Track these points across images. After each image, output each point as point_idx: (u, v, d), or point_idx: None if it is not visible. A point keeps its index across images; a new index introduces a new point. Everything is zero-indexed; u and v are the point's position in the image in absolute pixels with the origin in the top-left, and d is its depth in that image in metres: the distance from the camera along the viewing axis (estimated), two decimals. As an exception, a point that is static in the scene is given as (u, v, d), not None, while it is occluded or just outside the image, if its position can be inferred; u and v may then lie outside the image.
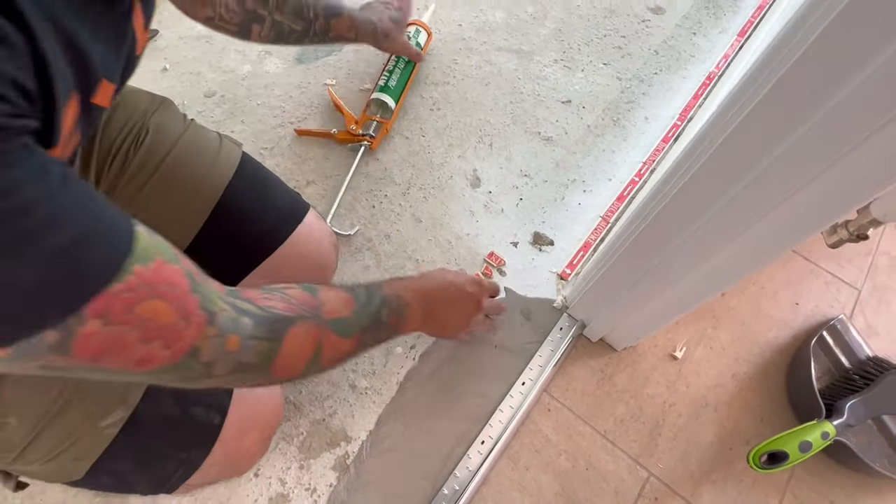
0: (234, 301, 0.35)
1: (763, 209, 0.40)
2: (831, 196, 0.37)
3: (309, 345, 0.40)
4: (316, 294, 0.43)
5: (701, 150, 0.43)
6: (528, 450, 0.63)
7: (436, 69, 0.94)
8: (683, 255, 0.50)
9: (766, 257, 0.46)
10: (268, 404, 0.54)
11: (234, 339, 0.34)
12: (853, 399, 0.62)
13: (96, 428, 0.44)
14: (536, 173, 0.84)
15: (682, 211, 0.47)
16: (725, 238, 0.45)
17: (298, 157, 0.84)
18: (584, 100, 0.92)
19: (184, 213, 0.55)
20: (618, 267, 0.58)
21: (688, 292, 0.54)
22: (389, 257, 0.75)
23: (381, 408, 0.65)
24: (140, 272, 0.28)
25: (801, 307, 0.75)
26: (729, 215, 0.43)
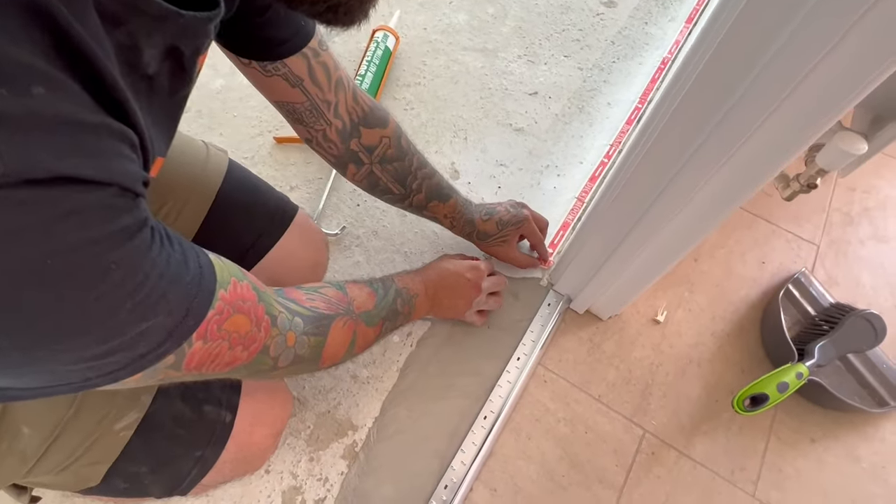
0: (286, 304, 0.41)
1: (713, 168, 0.45)
2: (772, 146, 0.41)
3: (347, 336, 0.48)
4: (346, 291, 0.50)
5: (654, 125, 0.47)
6: (529, 420, 0.66)
7: (406, 71, 0.97)
8: (650, 221, 0.54)
9: (723, 212, 0.50)
10: (277, 399, 0.55)
11: (292, 335, 0.40)
12: (821, 341, 0.67)
13: (111, 431, 0.45)
14: (511, 162, 0.88)
15: (643, 182, 0.51)
16: (683, 200, 0.49)
17: (280, 163, 0.85)
18: (550, 90, 0.97)
19: (178, 222, 0.56)
20: (594, 242, 0.62)
21: (660, 255, 0.58)
22: (378, 252, 0.77)
23: (383, 395, 0.66)
24: (223, 297, 0.33)
25: (767, 265, 0.81)
26: (683, 179, 0.47)
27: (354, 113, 0.55)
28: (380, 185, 0.61)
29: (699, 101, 0.42)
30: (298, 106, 0.51)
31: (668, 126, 0.45)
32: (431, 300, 0.63)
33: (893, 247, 0.85)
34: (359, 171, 0.59)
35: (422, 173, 0.62)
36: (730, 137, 0.42)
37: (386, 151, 0.58)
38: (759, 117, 0.39)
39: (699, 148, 0.44)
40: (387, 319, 0.55)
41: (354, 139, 0.56)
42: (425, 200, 0.64)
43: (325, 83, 0.51)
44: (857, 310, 0.70)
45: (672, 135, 0.45)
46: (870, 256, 0.83)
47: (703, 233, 0.53)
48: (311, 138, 0.55)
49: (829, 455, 0.66)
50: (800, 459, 0.66)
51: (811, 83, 0.34)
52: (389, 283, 0.57)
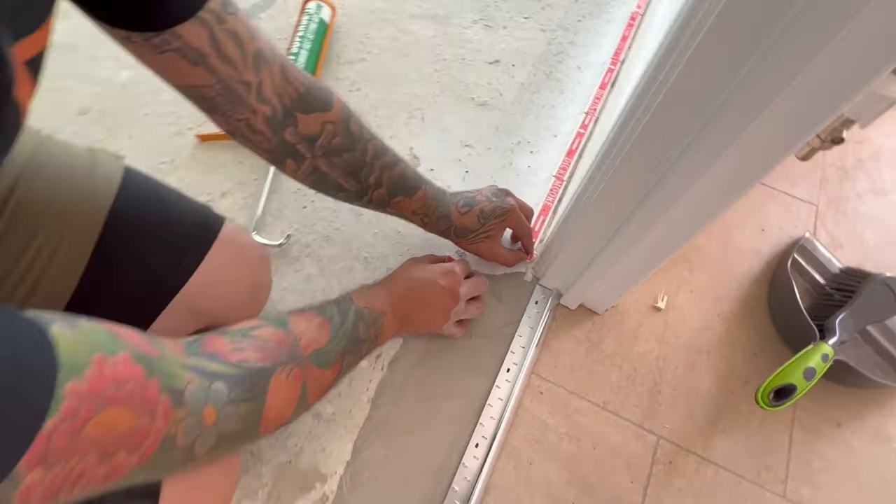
0: (200, 363, 0.31)
1: (725, 142, 0.36)
2: (787, 121, 0.32)
3: (294, 389, 0.38)
4: (288, 328, 0.40)
5: (652, 95, 0.37)
6: (528, 442, 0.57)
7: (347, 46, 0.84)
8: (652, 206, 0.44)
9: (737, 191, 0.41)
10: (215, 468, 0.44)
11: (211, 410, 0.30)
12: (840, 315, 0.60)
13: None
14: (478, 142, 0.77)
15: (643, 160, 0.41)
16: (694, 177, 0.40)
17: (206, 166, 0.72)
18: (512, 57, 0.86)
19: (54, 260, 0.43)
20: (585, 230, 0.53)
21: (663, 241, 0.49)
22: (334, 261, 0.66)
23: (354, 433, 0.56)
24: (76, 389, 0.22)
25: (767, 232, 0.74)
26: (693, 154, 0.38)
27: (286, 95, 0.43)
28: (328, 182, 0.49)
29: (700, 77, 0.33)
30: (207, 90, 0.39)
31: (664, 105, 0.36)
32: (401, 317, 0.52)
33: (893, 199, 0.79)
34: (299, 166, 0.47)
35: (380, 163, 0.50)
36: (739, 115, 0.33)
37: (331, 140, 0.46)
38: (772, 93, 0.30)
39: (703, 129, 0.36)
40: (347, 353, 0.45)
41: (289, 128, 0.44)
42: (388, 196, 0.52)
43: (238, 58, 0.39)
44: (873, 275, 0.63)
45: (681, 99, 0.36)
46: (870, 212, 0.77)
47: (715, 215, 0.44)
48: (234, 130, 0.43)
49: (857, 438, 0.60)
50: (827, 448, 0.59)
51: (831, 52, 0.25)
52: (347, 304, 0.48)
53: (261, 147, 0.45)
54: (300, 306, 0.60)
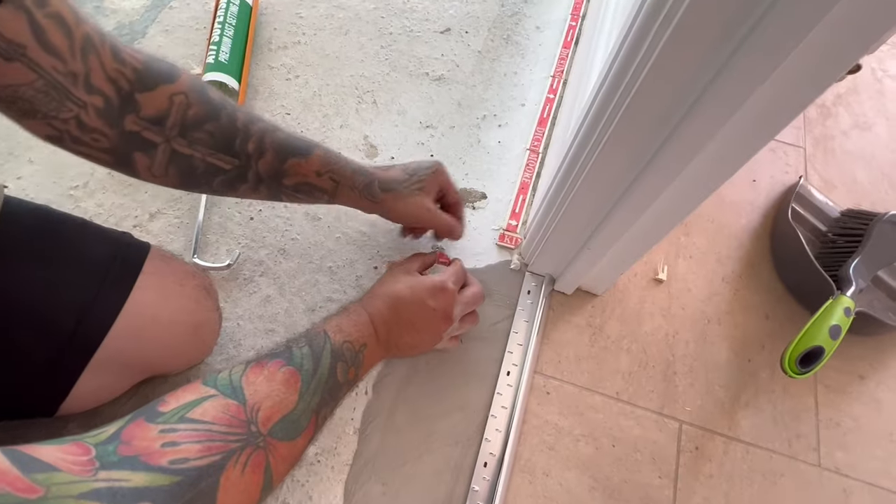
0: (116, 481, 0.23)
1: (729, 109, 0.30)
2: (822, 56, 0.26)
3: (255, 483, 0.30)
4: (241, 395, 0.31)
5: (644, 54, 0.30)
6: (541, 451, 0.50)
7: (277, 30, 0.74)
8: (650, 178, 0.38)
9: (751, 144, 0.35)
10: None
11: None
12: (854, 262, 0.55)
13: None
14: (439, 121, 0.69)
15: (638, 130, 0.35)
16: (692, 153, 0.34)
17: (128, 185, 0.61)
18: (465, 24, 0.78)
19: None
20: (576, 208, 0.46)
21: (667, 212, 0.43)
22: (294, 276, 0.57)
23: (344, 473, 0.48)
24: None
25: (759, 182, 0.69)
26: (695, 122, 0.32)
27: (122, 78, 0.34)
28: (196, 167, 0.39)
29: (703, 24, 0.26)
30: (24, 89, 0.29)
31: (660, 63, 0.30)
32: (385, 344, 0.45)
33: (877, 133, 0.75)
34: (153, 158, 0.37)
35: (256, 128, 0.40)
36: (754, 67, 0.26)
37: (186, 114, 0.37)
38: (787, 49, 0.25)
39: (707, 88, 0.29)
40: (323, 406, 0.37)
41: (130, 115, 0.35)
42: (277, 161, 0.42)
43: (65, 46, 0.30)
44: (877, 215, 0.59)
45: (668, 74, 0.30)
46: (857, 149, 0.73)
47: (724, 177, 0.37)
48: (60, 135, 0.33)
49: (882, 390, 0.56)
50: (855, 405, 0.55)
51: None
52: (320, 341, 0.39)
53: (98, 147, 0.35)
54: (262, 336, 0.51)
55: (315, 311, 0.55)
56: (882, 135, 0.75)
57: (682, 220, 0.43)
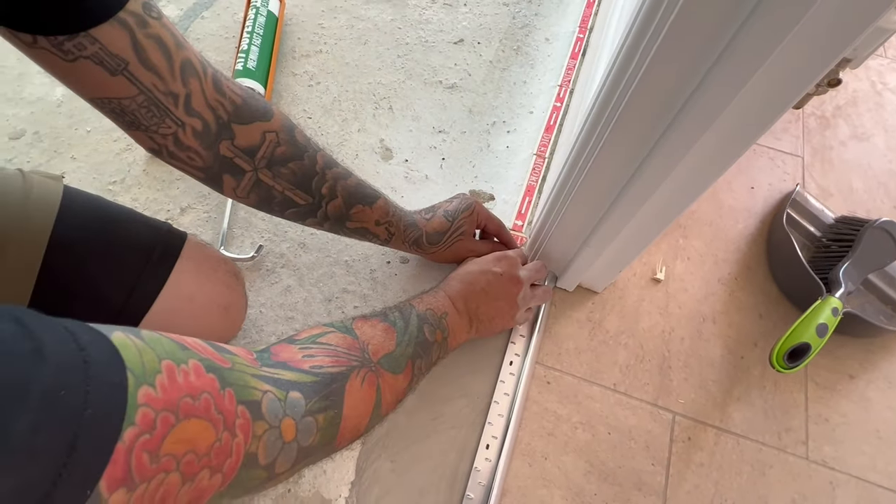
0: (273, 373, 0.30)
1: (720, 106, 0.33)
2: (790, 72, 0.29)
3: (370, 396, 0.38)
4: (354, 333, 0.40)
5: (637, 62, 0.34)
6: (541, 436, 0.54)
7: (301, 39, 0.79)
8: (646, 178, 0.41)
9: (739, 146, 0.38)
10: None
11: (290, 424, 0.29)
12: (843, 265, 0.58)
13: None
14: (451, 126, 0.73)
15: (633, 133, 0.38)
16: (688, 145, 0.37)
17: (161, 181, 0.66)
18: (477, 35, 0.82)
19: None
20: (577, 208, 0.49)
21: (660, 212, 0.46)
22: (312, 269, 0.61)
23: (355, 450, 0.52)
24: (150, 397, 0.20)
25: (757, 190, 0.72)
26: (688, 119, 0.35)
27: (220, 108, 0.38)
28: (275, 197, 0.44)
29: (689, 35, 0.30)
30: (128, 103, 0.34)
31: (650, 72, 0.33)
32: (467, 315, 0.51)
33: (875, 143, 0.78)
34: (239, 182, 0.42)
35: (332, 173, 0.45)
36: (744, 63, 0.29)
37: (274, 150, 0.41)
38: (766, 51, 0.28)
39: (694, 93, 0.33)
40: (417, 357, 0.44)
41: (225, 141, 0.39)
42: (345, 207, 0.47)
43: (165, 66, 0.34)
44: (868, 221, 0.62)
45: (658, 81, 0.33)
46: (855, 158, 0.76)
47: (713, 179, 0.41)
48: (160, 148, 0.37)
49: (871, 389, 0.59)
50: (843, 402, 0.58)
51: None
52: (408, 309, 0.47)
53: (192, 164, 0.39)
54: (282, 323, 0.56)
55: (332, 300, 0.59)
56: (880, 145, 0.77)
57: (676, 217, 0.47)
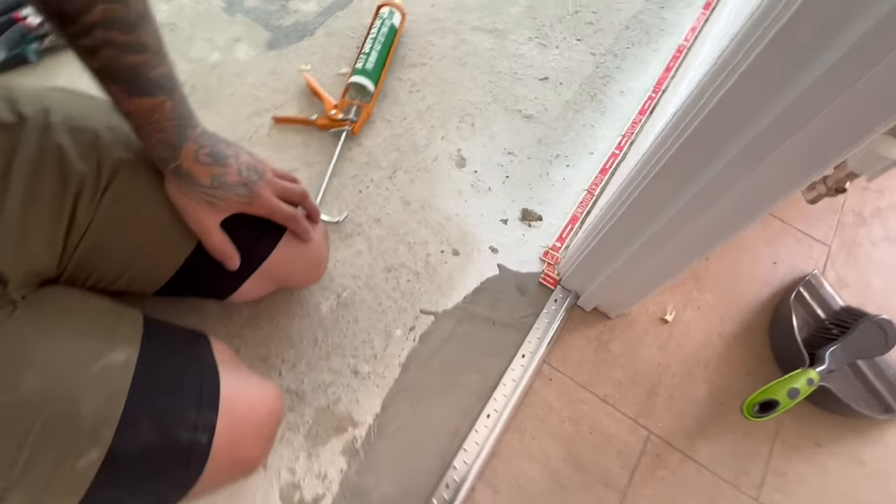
0: None
1: (744, 172, 0.42)
2: (810, 153, 0.38)
3: None
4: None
5: (686, 123, 0.44)
6: (533, 419, 0.65)
7: (412, 50, 0.93)
8: (672, 222, 0.51)
9: (742, 220, 0.48)
10: (263, 405, 0.51)
11: None
12: (832, 347, 0.66)
13: (73, 470, 0.40)
14: (520, 150, 0.85)
15: (672, 179, 0.48)
16: (714, 200, 0.47)
17: (278, 146, 0.82)
18: (561, 76, 0.93)
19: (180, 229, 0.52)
20: (608, 238, 0.60)
21: (678, 255, 0.56)
22: (381, 241, 0.75)
23: (385, 391, 0.65)
24: None
25: (779, 265, 0.79)
26: (709, 185, 0.45)
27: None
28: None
29: (727, 117, 0.39)
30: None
31: (696, 132, 0.43)
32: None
33: (905, 249, 0.83)
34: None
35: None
36: (762, 146, 0.39)
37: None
38: (784, 137, 0.36)
39: (727, 156, 0.42)
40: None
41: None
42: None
43: None
44: (869, 315, 0.69)
45: (699, 138, 0.43)
46: (881, 259, 0.82)
47: (730, 234, 0.50)
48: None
49: (833, 461, 0.66)
50: (804, 464, 0.65)
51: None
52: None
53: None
54: (348, 279, 0.69)
55: (391, 271, 0.73)
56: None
57: (683, 269, 0.57)
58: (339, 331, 0.68)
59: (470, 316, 0.70)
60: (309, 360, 0.65)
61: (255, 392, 0.51)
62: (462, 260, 0.74)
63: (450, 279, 0.73)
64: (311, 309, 0.69)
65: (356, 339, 0.67)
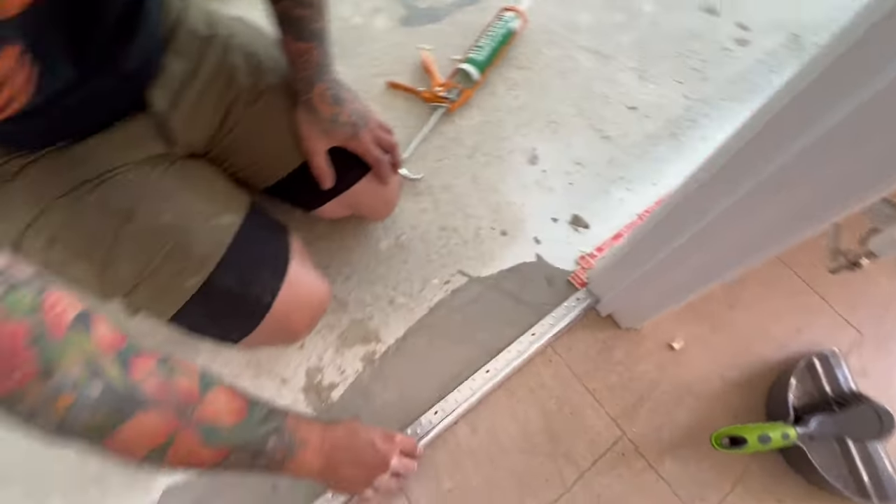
0: (100, 362, 0.35)
1: (763, 205, 0.49)
2: (831, 191, 0.44)
3: (157, 435, 0.38)
4: (205, 390, 0.42)
5: (731, 148, 0.51)
6: (525, 388, 0.74)
7: (521, 54, 1.04)
8: (691, 242, 0.58)
9: (750, 255, 0.54)
10: (315, 294, 0.64)
11: (67, 398, 0.33)
12: (822, 414, 0.69)
13: (181, 286, 0.56)
14: (589, 164, 0.93)
15: (697, 202, 0.56)
16: (739, 224, 0.53)
17: (385, 105, 0.96)
18: (650, 109, 1.00)
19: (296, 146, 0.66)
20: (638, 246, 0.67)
21: (693, 275, 0.62)
22: (444, 205, 0.86)
23: (410, 323, 0.77)
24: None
25: (803, 335, 0.82)
26: (727, 220, 0.52)
27: None
28: None
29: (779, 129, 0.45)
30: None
31: (736, 159, 0.50)
32: (326, 459, 0.53)
33: (944, 362, 0.82)
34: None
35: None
36: (788, 178, 0.46)
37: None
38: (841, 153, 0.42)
39: (773, 173, 0.48)
40: (240, 451, 0.44)
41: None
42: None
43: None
44: (872, 400, 0.71)
45: (735, 165, 0.50)
46: (914, 363, 0.82)
47: (746, 264, 0.56)
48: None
49: (790, 519, 0.69)
50: (760, 512, 0.69)
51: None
52: (279, 416, 0.49)
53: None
54: (407, 230, 0.82)
55: (444, 231, 0.84)
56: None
57: (689, 296, 0.63)
58: (389, 265, 0.80)
59: (499, 288, 0.80)
60: (359, 280, 0.79)
61: (313, 282, 0.65)
62: (507, 240, 0.84)
63: (491, 253, 0.83)
64: (373, 241, 0.82)
65: (400, 275, 0.80)
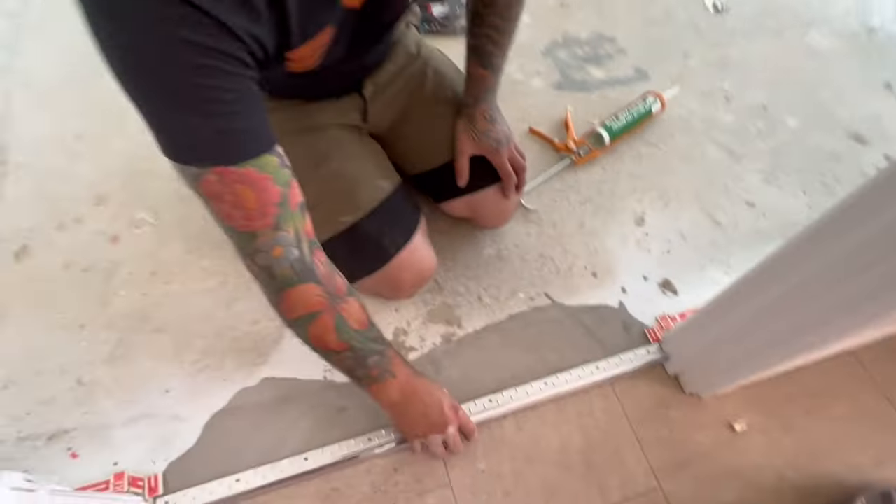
0: (302, 239, 0.50)
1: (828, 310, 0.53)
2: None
3: (312, 305, 0.52)
4: (350, 294, 0.57)
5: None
6: (574, 410, 0.79)
7: (654, 134, 1.14)
8: (780, 303, 0.62)
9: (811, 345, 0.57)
10: (426, 263, 0.78)
11: (280, 250, 0.48)
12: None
13: (337, 220, 0.72)
14: (692, 239, 0.98)
15: (770, 275, 0.60)
16: (822, 290, 0.57)
17: (523, 146, 1.09)
18: (768, 209, 1.03)
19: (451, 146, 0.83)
20: (713, 310, 0.71)
21: (761, 349, 0.66)
22: (548, 237, 0.97)
23: (490, 320, 0.86)
24: (250, 172, 0.43)
25: (884, 467, 0.77)
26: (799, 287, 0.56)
27: None
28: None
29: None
30: None
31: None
32: (402, 396, 0.64)
33: None
34: None
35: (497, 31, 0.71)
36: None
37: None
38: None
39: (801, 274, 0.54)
40: (353, 351, 0.57)
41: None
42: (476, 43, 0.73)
43: None
44: None
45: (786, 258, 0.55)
46: None
47: (824, 338, 0.59)
48: None
49: None
50: None
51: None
52: (387, 346, 0.62)
53: None
54: (509, 248, 0.93)
55: (542, 258, 0.94)
56: None
57: (755, 374, 0.66)
58: (486, 269, 0.92)
59: (577, 318, 0.88)
60: (458, 273, 0.91)
61: (427, 254, 0.79)
62: (596, 282, 0.92)
63: (578, 288, 0.91)
64: (479, 246, 0.95)
65: (492, 280, 0.91)
